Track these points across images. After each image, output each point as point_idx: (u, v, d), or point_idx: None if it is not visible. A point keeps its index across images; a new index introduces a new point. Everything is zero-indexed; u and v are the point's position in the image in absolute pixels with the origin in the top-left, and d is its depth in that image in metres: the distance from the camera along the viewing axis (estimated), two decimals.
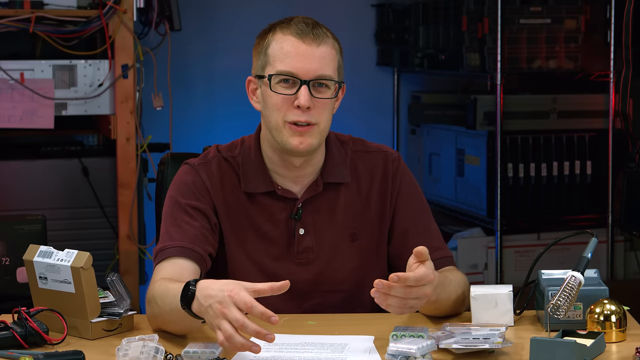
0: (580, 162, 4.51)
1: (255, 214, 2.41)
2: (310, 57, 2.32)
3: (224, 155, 2.44)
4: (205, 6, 4.83)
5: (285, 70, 2.32)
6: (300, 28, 2.33)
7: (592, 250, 2.16)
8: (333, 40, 2.37)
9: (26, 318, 2.13)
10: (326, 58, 2.33)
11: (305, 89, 2.30)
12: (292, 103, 2.31)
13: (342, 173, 2.44)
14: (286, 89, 2.32)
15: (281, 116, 2.33)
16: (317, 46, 2.32)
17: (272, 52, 2.34)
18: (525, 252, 4.52)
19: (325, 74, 2.33)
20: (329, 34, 2.36)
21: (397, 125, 5.12)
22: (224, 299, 1.97)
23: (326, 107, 2.34)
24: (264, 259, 2.41)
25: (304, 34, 2.32)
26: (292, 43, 2.32)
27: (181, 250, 2.31)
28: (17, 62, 3.78)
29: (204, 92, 4.86)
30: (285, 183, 2.42)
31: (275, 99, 2.33)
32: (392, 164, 2.47)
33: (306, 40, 2.32)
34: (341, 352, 2.09)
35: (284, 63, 2.32)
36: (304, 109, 2.30)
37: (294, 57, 2.32)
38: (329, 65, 2.34)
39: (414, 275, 2.08)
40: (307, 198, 2.41)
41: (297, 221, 2.41)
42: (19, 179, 3.93)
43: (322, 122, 2.34)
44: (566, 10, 4.41)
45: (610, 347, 2.11)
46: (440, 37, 4.68)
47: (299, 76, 2.31)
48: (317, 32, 2.34)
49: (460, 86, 4.91)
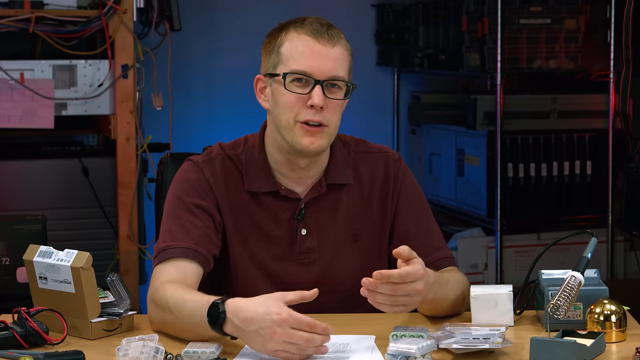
0: (580, 162, 4.51)
1: (258, 213, 2.41)
2: (325, 57, 2.31)
3: (228, 154, 2.43)
4: (205, 6, 4.83)
5: (300, 69, 2.31)
6: (315, 28, 2.33)
7: (592, 250, 2.16)
8: (346, 42, 2.37)
9: (26, 318, 2.13)
10: (339, 59, 2.34)
11: (319, 89, 2.30)
12: (305, 102, 2.31)
13: (345, 174, 2.44)
14: (300, 88, 2.32)
15: (293, 115, 2.32)
16: (332, 47, 2.32)
17: (286, 51, 2.33)
18: (525, 252, 4.52)
19: (338, 74, 2.33)
20: (342, 35, 2.37)
21: (397, 125, 5.12)
22: (279, 324, 1.98)
23: (337, 109, 2.34)
24: (266, 258, 2.41)
25: (319, 34, 2.32)
26: (307, 42, 2.32)
27: (184, 252, 2.30)
28: (17, 62, 3.78)
29: (204, 92, 4.86)
30: (289, 183, 2.41)
31: (289, 97, 2.32)
32: (393, 165, 2.48)
33: (321, 40, 2.32)
34: (343, 351, 2.09)
35: (298, 62, 2.32)
36: (317, 108, 2.30)
37: (308, 56, 2.31)
38: (342, 66, 2.34)
39: (398, 272, 2.08)
40: (310, 199, 2.41)
41: (299, 221, 2.41)
42: (19, 179, 3.93)
43: (333, 124, 2.34)
44: (566, 10, 4.41)
45: (610, 347, 2.11)
46: (440, 37, 4.68)
47: (313, 76, 2.30)
48: (332, 32, 2.34)
49: (460, 86, 4.91)
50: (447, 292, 2.29)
